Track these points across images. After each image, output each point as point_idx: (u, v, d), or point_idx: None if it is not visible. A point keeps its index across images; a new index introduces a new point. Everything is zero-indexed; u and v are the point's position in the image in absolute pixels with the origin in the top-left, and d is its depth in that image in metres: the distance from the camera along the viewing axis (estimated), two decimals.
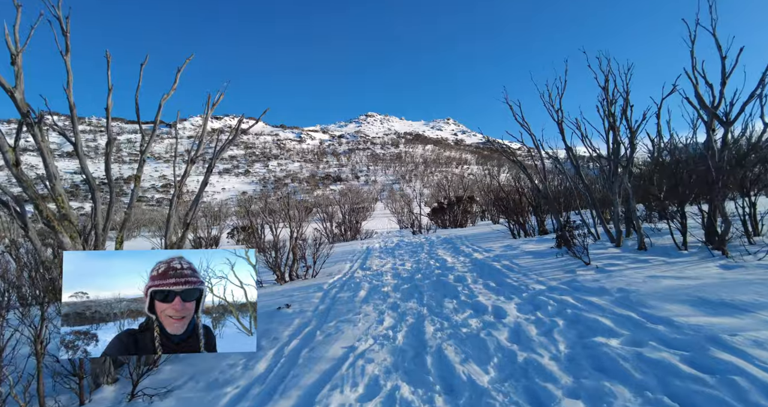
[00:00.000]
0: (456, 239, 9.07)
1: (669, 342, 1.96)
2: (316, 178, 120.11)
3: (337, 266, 6.82)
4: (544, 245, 6.20)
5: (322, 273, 6.22)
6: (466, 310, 3.20)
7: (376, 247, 9.38)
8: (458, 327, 2.78)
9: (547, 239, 6.75)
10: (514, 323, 2.71)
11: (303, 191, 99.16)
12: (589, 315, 2.54)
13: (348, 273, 5.98)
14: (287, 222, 6.95)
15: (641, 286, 2.94)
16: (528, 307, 3.07)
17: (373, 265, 6.45)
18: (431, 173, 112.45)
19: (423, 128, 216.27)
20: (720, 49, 3.93)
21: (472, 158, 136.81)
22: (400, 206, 22.80)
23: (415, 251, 7.89)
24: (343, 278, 5.57)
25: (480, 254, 6.26)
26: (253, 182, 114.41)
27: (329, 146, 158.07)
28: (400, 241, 10.30)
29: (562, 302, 2.99)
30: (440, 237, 10.07)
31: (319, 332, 3.16)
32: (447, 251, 7.34)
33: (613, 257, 4.36)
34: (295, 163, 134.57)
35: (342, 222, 12.84)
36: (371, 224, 22.74)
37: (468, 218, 16.82)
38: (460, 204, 16.63)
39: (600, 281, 3.31)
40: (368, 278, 5.26)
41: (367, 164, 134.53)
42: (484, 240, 8.21)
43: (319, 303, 4.16)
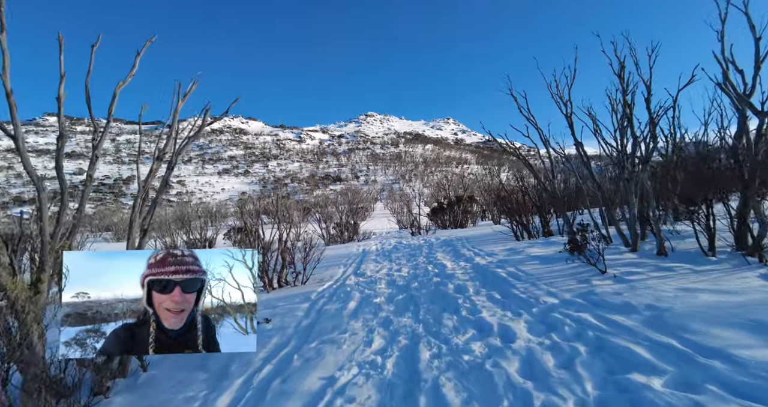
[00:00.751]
0: (456, 241, 8.62)
1: (735, 387, 1.50)
2: (315, 178, 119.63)
3: (330, 271, 6.37)
4: (551, 248, 5.75)
5: (313, 279, 5.77)
6: (468, 329, 2.75)
7: (373, 249, 8.93)
8: (459, 354, 2.33)
9: (553, 242, 6.29)
10: (526, 349, 2.26)
11: (303, 191, 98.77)
12: (618, 341, 2.09)
13: (340, 280, 5.53)
14: (278, 224, 6.52)
15: (674, 302, 2.49)
16: (540, 327, 2.62)
17: (368, 270, 6.00)
18: (431, 172, 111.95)
19: (423, 128, 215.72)
20: (753, 30, 3.47)
21: (472, 158, 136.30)
22: (400, 206, 22.36)
23: (413, 254, 7.44)
24: (334, 286, 5.12)
25: (482, 258, 5.80)
26: (253, 182, 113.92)
27: (329, 146, 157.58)
28: (398, 243, 9.85)
29: (580, 321, 2.53)
30: (440, 239, 9.63)
31: (296, 356, 2.72)
32: (446, 254, 6.89)
33: (630, 264, 3.91)
34: (295, 163, 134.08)
35: (339, 223, 12.38)
36: (370, 225, 22.29)
37: (468, 219, 16.37)
38: (460, 204, 16.18)
39: (622, 295, 2.86)
40: (361, 286, 4.81)
41: (366, 164, 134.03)
42: (485, 242, 7.76)
43: (303, 317, 3.71)
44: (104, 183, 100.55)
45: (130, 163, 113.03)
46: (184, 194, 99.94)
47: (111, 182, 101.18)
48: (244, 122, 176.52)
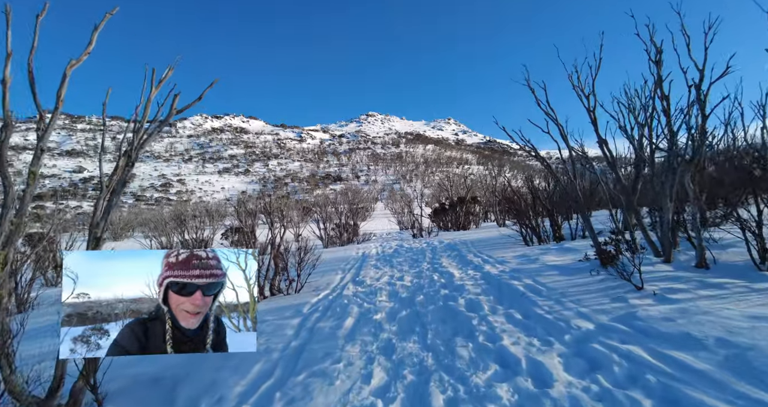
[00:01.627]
0: (461, 245, 8.12)
1: None
2: (316, 177, 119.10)
3: (326, 278, 5.88)
4: (568, 256, 5.24)
5: (308, 287, 5.28)
6: (489, 364, 2.24)
7: (373, 253, 8.44)
8: (482, 402, 1.83)
9: (569, 249, 5.78)
10: (569, 399, 1.75)
11: (303, 191, 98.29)
12: (697, 396, 1.58)
13: (337, 288, 5.03)
14: (271, 226, 6.04)
15: (755, 337, 1.97)
16: (579, 363, 2.11)
17: (368, 278, 5.50)
18: (432, 173, 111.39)
19: (424, 128, 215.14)
20: None
21: (473, 158, 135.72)
22: (401, 206, 21.83)
23: (415, 259, 6.94)
24: (330, 296, 4.62)
25: (492, 266, 5.30)
26: (253, 182, 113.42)
27: (330, 146, 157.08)
28: (399, 246, 9.34)
29: (631, 357, 2.03)
30: (443, 242, 9.12)
31: (279, 393, 2.22)
32: (452, 260, 6.39)
33: (668, 279, 3.40)
34: (296, 162, 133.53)
35: (339, 224, 11.86)
36: (371, 225, 21.81)
37: (471, 220, 15.86)
38: (462, 205, 15.67)
39: (676, 321, 2.35)
40: (359, 298, 4.31)
41: (367, 164, 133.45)
42: (492, 247, 7.25)
43: (293, 337, 3.21)
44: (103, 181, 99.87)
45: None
46: (183, 192, 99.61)
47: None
48: (245, 121, 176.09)
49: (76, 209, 64.82)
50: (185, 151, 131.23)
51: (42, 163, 2.48)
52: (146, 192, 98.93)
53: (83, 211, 58.47)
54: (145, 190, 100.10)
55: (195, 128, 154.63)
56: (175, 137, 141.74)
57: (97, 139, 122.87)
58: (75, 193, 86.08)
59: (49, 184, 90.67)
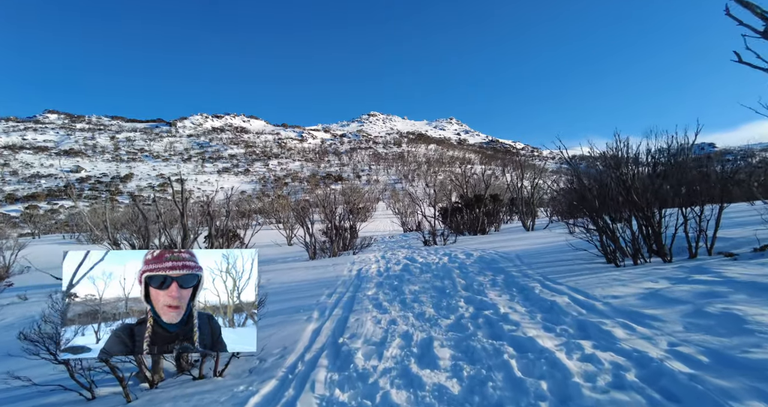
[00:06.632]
0: (502, 260, 5.59)
1: None
2: (317, 177, 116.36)
3: (281, 332, 3.37)
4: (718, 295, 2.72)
5: (240, 363, 2.82)
6: None
7: (373, 272, 5.92)
8: None
9: (700, 281, 3.27)
10: None
11: (303, 191, 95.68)
12: None
13: (289, 380, 2.47)
14: None
15: None
16: None
17: (360, 341, 2.95)
18: (434, 172, 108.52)
19: (426, 128, 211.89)
20: None
21: (476, 158, 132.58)
22: (404, 205, 19.29)
23: (442, 288, 4.43)
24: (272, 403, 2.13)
25: (613, 324, 2.76)
26: (253, 181, 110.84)
27: (331, 145, 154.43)
28: (409, 260, 6.76)
29: None
30: (470, 254, 6.56)
31: None
32: (506, 294, 3.87)
33: None
34: (296, 162, 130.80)
35: (329, 228, 9.35)
36: (372, 226, 19.31)
37: (492, 222, 13.31)
38: (480, 205, 13.12)
39: None
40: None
41: (369, 164, 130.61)
42: (558, 265, 4.74)
43: None
44: (101, 181, 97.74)
45: (128, 161, 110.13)
46: (186, 191, 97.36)
47: (108, 180, 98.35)
48: (246, 120, 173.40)
49: (70, 209, 62.37)
50: (185, 150, 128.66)
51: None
52: (144, 192, 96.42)
53: (79, 211, 55.98)
54: (143, 189, 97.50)
55: (195, 127, 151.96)
56: (175, 137, 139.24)
57: (95, 138, 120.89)
58: (70, 193, 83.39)
59: (45, 184, 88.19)
